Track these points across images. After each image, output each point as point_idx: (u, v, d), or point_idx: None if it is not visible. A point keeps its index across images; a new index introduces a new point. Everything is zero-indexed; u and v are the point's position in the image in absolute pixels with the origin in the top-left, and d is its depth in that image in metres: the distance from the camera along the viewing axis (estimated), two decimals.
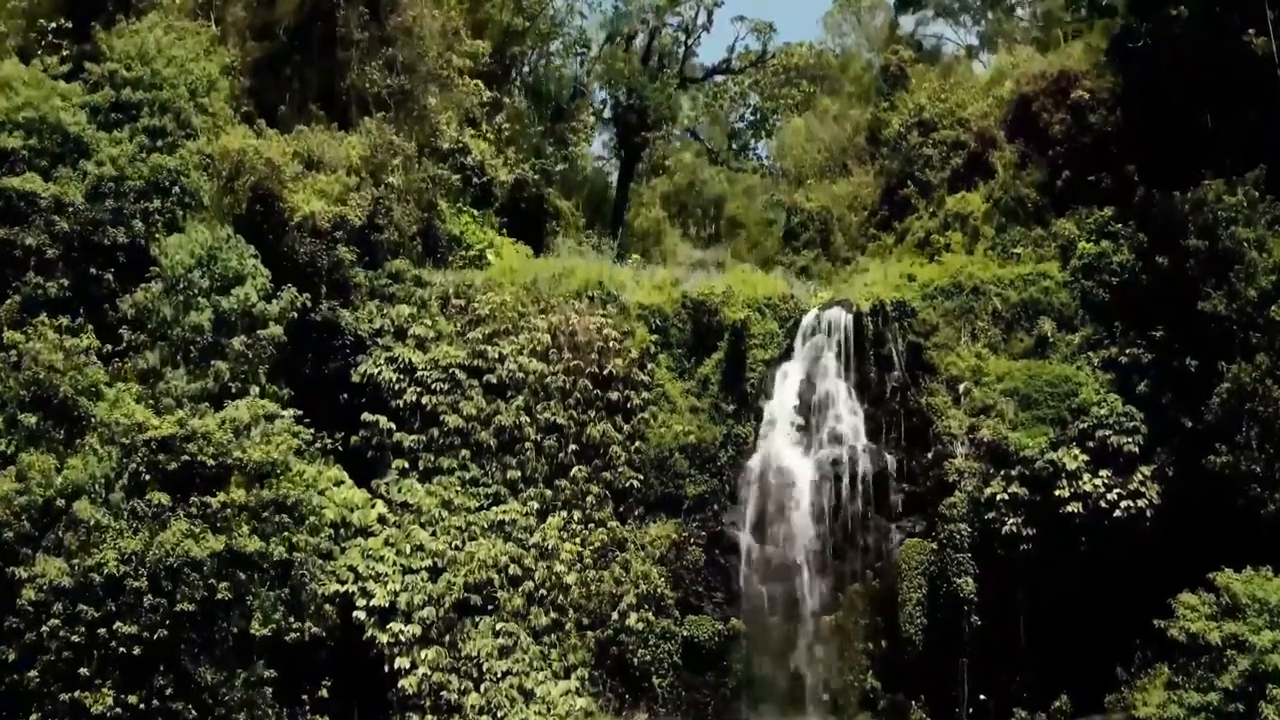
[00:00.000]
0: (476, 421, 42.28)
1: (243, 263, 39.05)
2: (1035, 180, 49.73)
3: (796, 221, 61.95)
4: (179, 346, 37.95)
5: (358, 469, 41.80)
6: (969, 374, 43.43)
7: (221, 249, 38.80)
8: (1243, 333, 39.86)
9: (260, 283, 39.16)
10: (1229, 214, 41.11)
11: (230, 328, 38.38)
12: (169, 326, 37.85)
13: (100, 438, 36.45)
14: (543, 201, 57.26)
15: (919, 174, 59.32)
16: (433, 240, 46.89)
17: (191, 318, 37.71)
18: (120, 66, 42.70)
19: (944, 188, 58.02)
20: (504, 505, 41.54)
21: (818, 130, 67.96)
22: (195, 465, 35.98)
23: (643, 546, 41.81)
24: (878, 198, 61.78)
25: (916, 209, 59.04)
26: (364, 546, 39.67)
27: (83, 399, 37.05)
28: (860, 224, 61.44)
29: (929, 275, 45.79)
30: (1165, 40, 45.40)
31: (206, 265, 38.43)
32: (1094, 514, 40.18)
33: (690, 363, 44.79)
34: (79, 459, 36.04)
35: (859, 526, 42.11)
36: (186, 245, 38.41)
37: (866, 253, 60.00)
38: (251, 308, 38.53)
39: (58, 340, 37.39)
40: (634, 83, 67.89)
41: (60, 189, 39.95)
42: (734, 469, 43.39)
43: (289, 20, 47.08)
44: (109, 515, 35.31)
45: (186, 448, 35.89)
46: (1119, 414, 41.37)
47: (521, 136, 57.17)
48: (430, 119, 48.13)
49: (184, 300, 38.03)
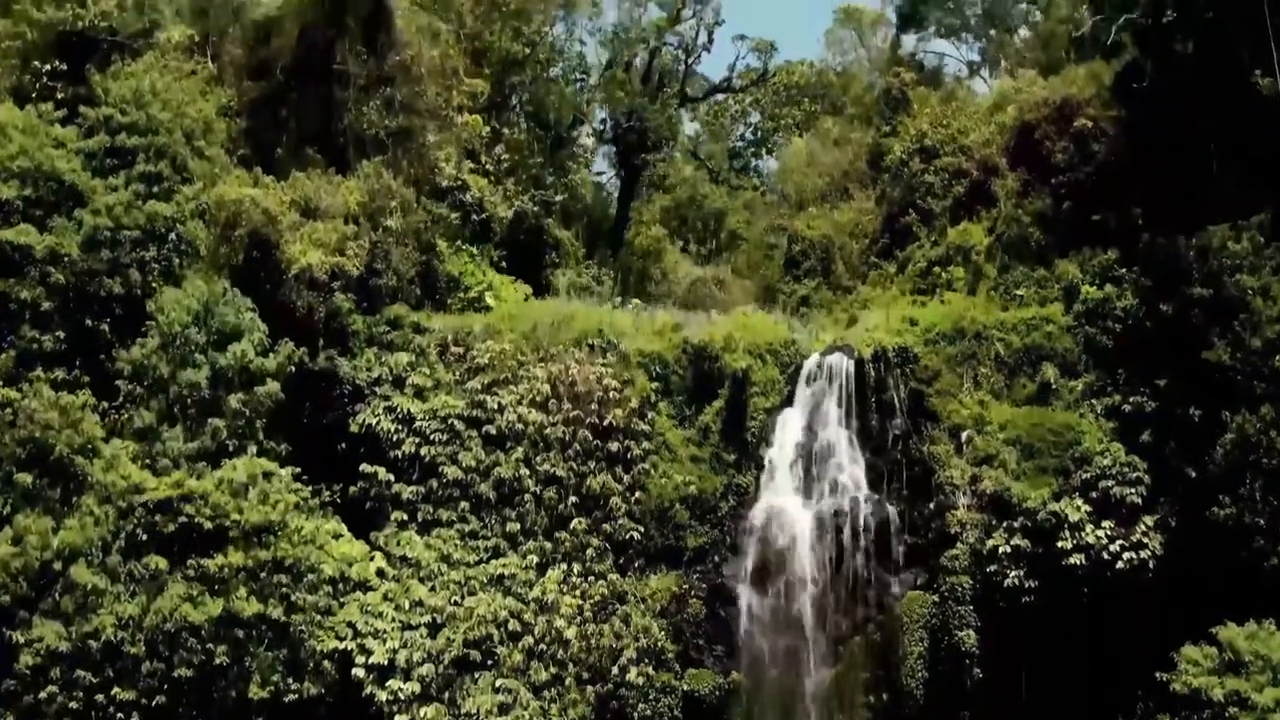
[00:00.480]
0: (475, 473, 41.98)
1: (240, 317, 38.81)
2: (1037, 209, 49.31)
3: (798, 250, 61.52)
4: (175, 404, 37.63)
5: (356, 520, 41.59)
6: (971, 422, 43.18)
7: (218, 304, 38.49)
8: (1247, 383, 39.79)
9: (257, 338, 38.92)
10: (1234, 261, 40.98)
11: (228, 384, 38.13)
12: (165, 384, 37.59)
13: (97, 498, 36.33)
14: (542, 233, 56.98)
15: (920, 202, 58.96)
16: (431, 282, 46.69)
17: (188, 375, 37.45)
18: (115, 111, 42.47)
19: (946, 216, 57.75)
20: (503, 558, 41.24)
21: (819, 154, 67.52)
22: (193, 527, 35.93)
23: (643, 599, 41.52)
24: (879, 225, 61.33)
25: (918, 237, 58.67)
26: (363, 602, 39.39)
27: (79, 458, 36.96)
28: (861, 252, 61.02)
29: (931, 319, 45.46)
30: (1170, 78, 45.16)
31: (203, 321, 38.13)
32: (1096, 565, 40.06)
33: (691, 410, 44.43)
34: (76, 520, 35.97)
35: (860, 579, 41.89)
36: (183, 301, 38.14)
37: (868, 281, 59.68)
38: (249, 364, 38.24)
39: (54, 397, 37.24)
40: (634, 104, 67.60)
41: (56, 240, 39.74)
42: (735, 519, 43.11)
43: (286, 58, 46.67)
44: (106, 579, 35.36)
45: (184, 509, 35.80)
46: (1122, 464, 41.21)
47: (521, 167, 56.82)
48: (429, 156, 47.73)
49: (180, 356, 37.74)
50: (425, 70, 46.79)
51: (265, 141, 45.86)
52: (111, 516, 35.87)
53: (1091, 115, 48.37)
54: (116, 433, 38.54)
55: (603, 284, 58.59)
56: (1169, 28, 45.39)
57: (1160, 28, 45.74)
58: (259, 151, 45.61)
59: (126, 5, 45.28)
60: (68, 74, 44.14)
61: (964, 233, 55.06)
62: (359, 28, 46.65)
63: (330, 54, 46.34)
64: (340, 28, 46.42)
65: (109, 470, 36.11)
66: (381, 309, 44.05)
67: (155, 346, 38.02)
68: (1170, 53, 45.47)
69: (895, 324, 45.45)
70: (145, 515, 35.75)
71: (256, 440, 38.52)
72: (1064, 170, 48.92)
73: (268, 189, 42.18)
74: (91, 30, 44.52)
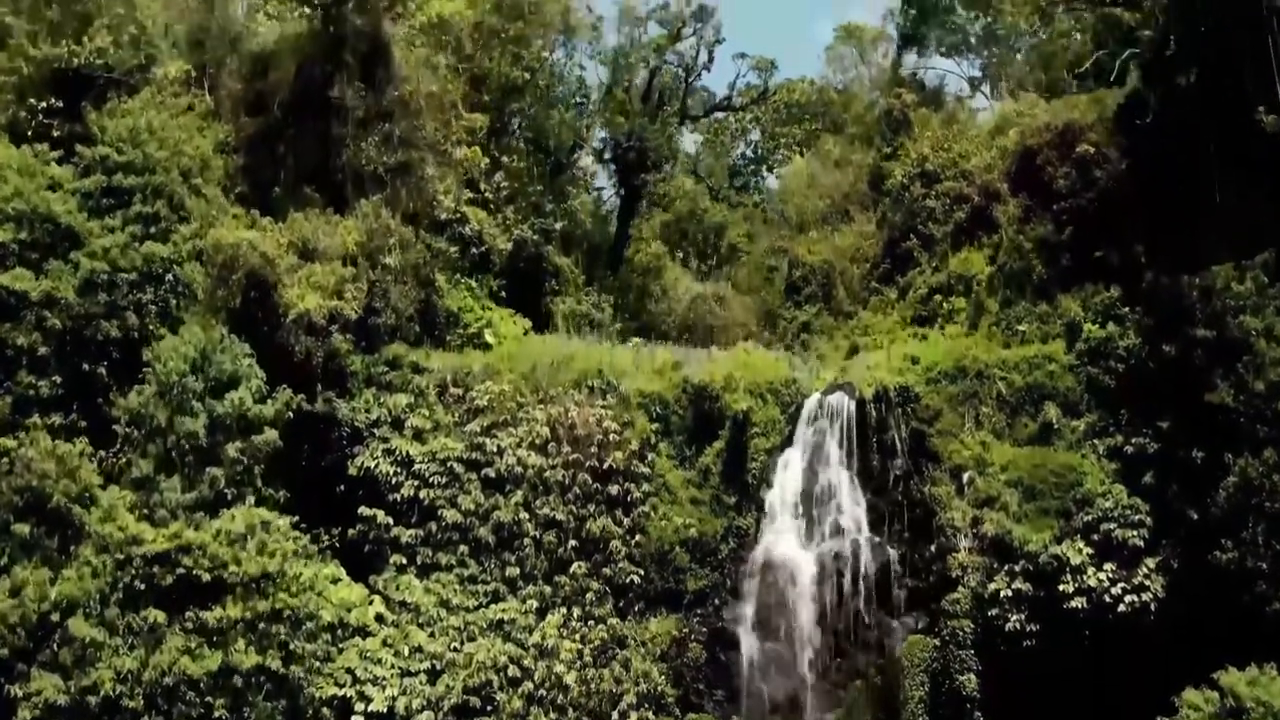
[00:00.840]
0: (475, 517, 41.89)
1: (237, 364, 38.47)
2: (1039, 235, 49.03)
3: (798, 275, 61.46)
4: (173, 451, 37.34)
5: (355, 562, 41.50)
6: (973, 463, 42.99)
7: (215, 351, 38.19)
8: (1250, 425, 39.57)
9: (255, 385, 38.62)
10: (1237, 302, 40.74)
11: (225, 431, 37.79)
12: (163, 432, 37.28)
13: (94, 547, 36.09)
14: (541, 260, 56.77)
15: (922, 227, 58.96)
16: (430, 318, 46.57)
17: (185, 424, 37.11)
18: (112, 150, 42.33)
19: (947, 242, 57.73)
20: (503, 603, 41.10)
21: (820, 175, 67.35)
22: (191, 579, 35.61)
23: (643, 643, 41.38)
24: (880, 250, 61.30)
25: (919, 263, 58.64)
26: (362, 648, 39.23)
27: (76, 506, 36.80)
28: (862, 277, 60.96)
29: (933, 357, 45.26)
30: (1174, 112, 44.91)
31: (200, 368, 37.81)
32: (1098, 609, 39.96)
33: (691, 450, 44.27)
34: (73, 571, 35.76)
35: (861, 623, 41.77)
36: (180, 349, 37.81)
37: (869, 307, 59.69)
38: (246, 411, 37.96)
39: (51, 446, 37.03)
40: (634, 125, 67.32)
41: (52, 284, 39.62)
42: (735, 562, 42.97)
43: (283, 93, 46.35)
44: (104, 631, 35.04)
45: (182, 561, 35.53)
46: (1124, 506, 41.09)
47: (520, 194, 56.53)
48: (427, 190, 47.45)
49: (178, 404, 37.42)
50: (424, 105, 46.42)
51: (263, 179, 45.58)
52: (109, 567, 35.52)
53: (1094, 141, 48.12)
54: (114, 478, 38.35)
55: (603, 310, 58.35)
56: (1172, 60, 45.19)
57: (1163, 60, 45.53)
58: (256, 189, 45.37)
59: (122, 42, 45.03)
60: (64, 111, 43.94)
61: (965, 261, 54.98)
62: (357, 62, 46.39)
63: (328, 89, 46.02)
64: (338, 62, 46.13)
65: (106, 521, 35.81)
66: (380, 348, 43.93)
67: (152, 394, 37.69)
68: (1173, 86, 45.22)
69: (896, 362, 45.26)
70: (143, 566, 35.40)
71: (254, 487, 38.24)
72: (1066, 196, 48.67)
73: (265, 231, 41.89)
74: (87, 67, 44.33)
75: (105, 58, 44.32)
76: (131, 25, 45.26)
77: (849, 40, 74.36)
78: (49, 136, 43.33)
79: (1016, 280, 49.22)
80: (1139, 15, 46.08)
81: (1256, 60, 43.34)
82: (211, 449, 37.56)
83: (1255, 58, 43.31)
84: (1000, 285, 49.82)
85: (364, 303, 42.34)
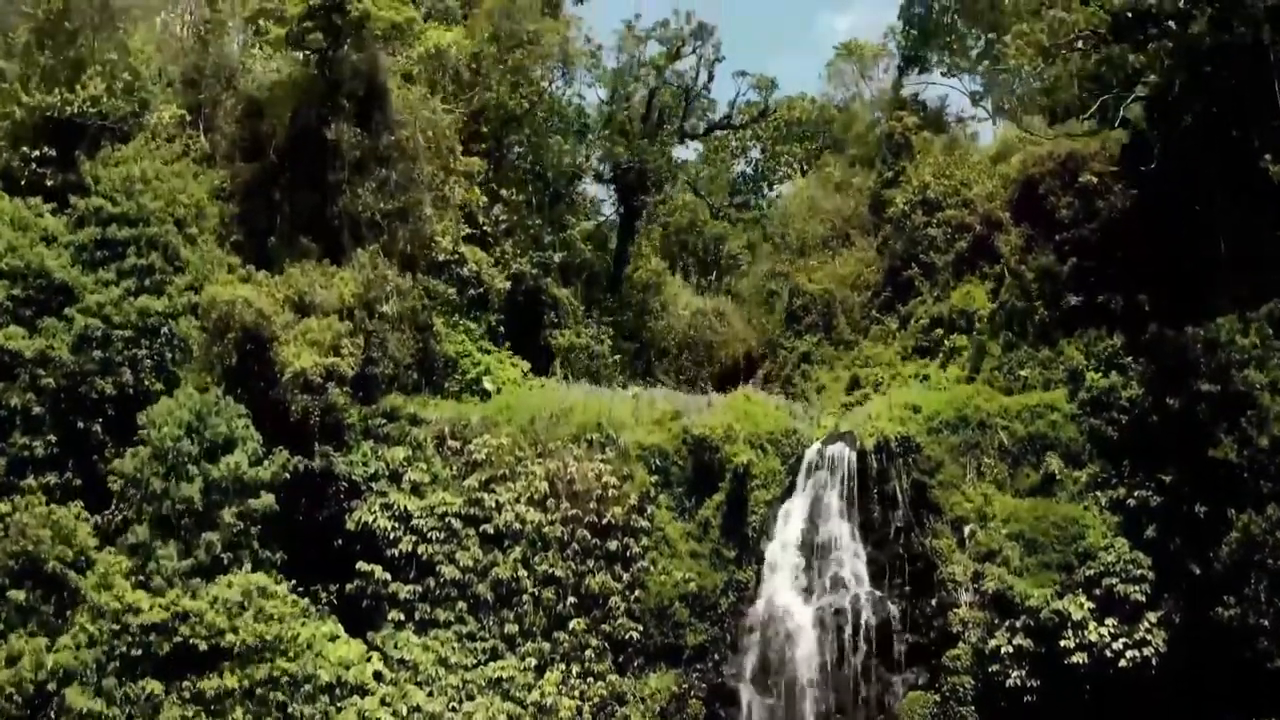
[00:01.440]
0: (473, 573, 41.64)
1: (232, 426, 38.29)
2: (1041, 265, 48.71)
3: (799, 304, 61.13)
4: (169, 516, 37.16)
5: (352, 617, 41.25)
6: (974, 515, 42.73)
7: (210, 413, 37.96)
8: (1254, 481, 39.32)
9: (251, 448, 38.42)
10: (1242, 355, 40.43)
11: (222, 494, 37.61)
12: (158, 498, 37.09)
13: (91, 615, 36.03)
14: (540, 294, 56.43)
15: (923, 256, 58.61)
16: (429, 364, 46.37)
17: (181, 489, 36.94)
18: (106, 201, 42.30)
19: (949, 271, 57.41)
20: (501, 660, 40.89)
21: (820, 199, 66.81)
22: (188, 647, 35.63)
23: (642, 699, 41.11)
24: (881, 278, 60.91)
25: (920, 292, 58.32)
26: (360, 707, 38.83)
27: (71, 572, 36.96)
28: (863, 305, 60.55)
29: (935, 406, 44.86)
30: (1178, 157, 44.55)
31: (195, 431, 37.61)
32: (1099, 663, 39.74)
33: (691, 502, 43.86)
34: (69, 639, 36.02)
35: (862, 679, 41.45)
36: (174, 413, 37.64)
37: (870, 336, 59.30)
38: (242, 475, 37.76)
39: (46, 512, 37.07)
40: (634, 147, 66.95)
41: (46, 342, 39.42)
42: (735, 616, 42.67)
43: (279, 138, 45.88)
44: (101, 702, 35.22)
45: (179, 630, 35.57)
46: (1126, 561, 40.78)
47: (519, 227, 56.17)
48: (424, 231, 47.08)
49: (173, 468, 37.25)
50: (421, 147, 46.05)
51: (258, 226, 45.26)
52: (106, 636, 35.58)
53: (1097, 171, 47.72)
54: (110, 539, 38.34)
55: (602, 343, 58.10)
56: (1177, 104, 44.82)
57: (1167, 104, 45.15)
58: (252, 237, 45.10)
59: (116, 90, 44.66)
60: (57, 160, 43.81)
61: (967, 296, 54.64)
62: (353, 105, 45.93)
63: (324, 130, 45.55)
64: (334, 105, 45.66)
65: (103, 589, 35.84)
66: (378, 399, 43.62)
67: (147, 457, 37.53)
68: (1178, 130, 44.86)
69: (898, 410, 44.81)
70: (140, 635, 35.52)
71: (251, 550, 38.17)
72: (1069, 226, 48.34)
73: (260, 286, 41.57)
74: (80, 115, 44.05)
75: (99, 106, 44.02)
76: (125, 71, 44.86)
77: (849, 57, 73.79)
78: (42, 186, 43.24)
79: (1019, 320, 48.79)
80: (1144, 58, 45.53)
81: (1262, 108, 43.09)
82: (208, 513, 37.51)
83: (1260, 105, 43.06)
84: (1002, 325, 49.43)
85: (361, 357, 41.98)
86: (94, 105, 43.96)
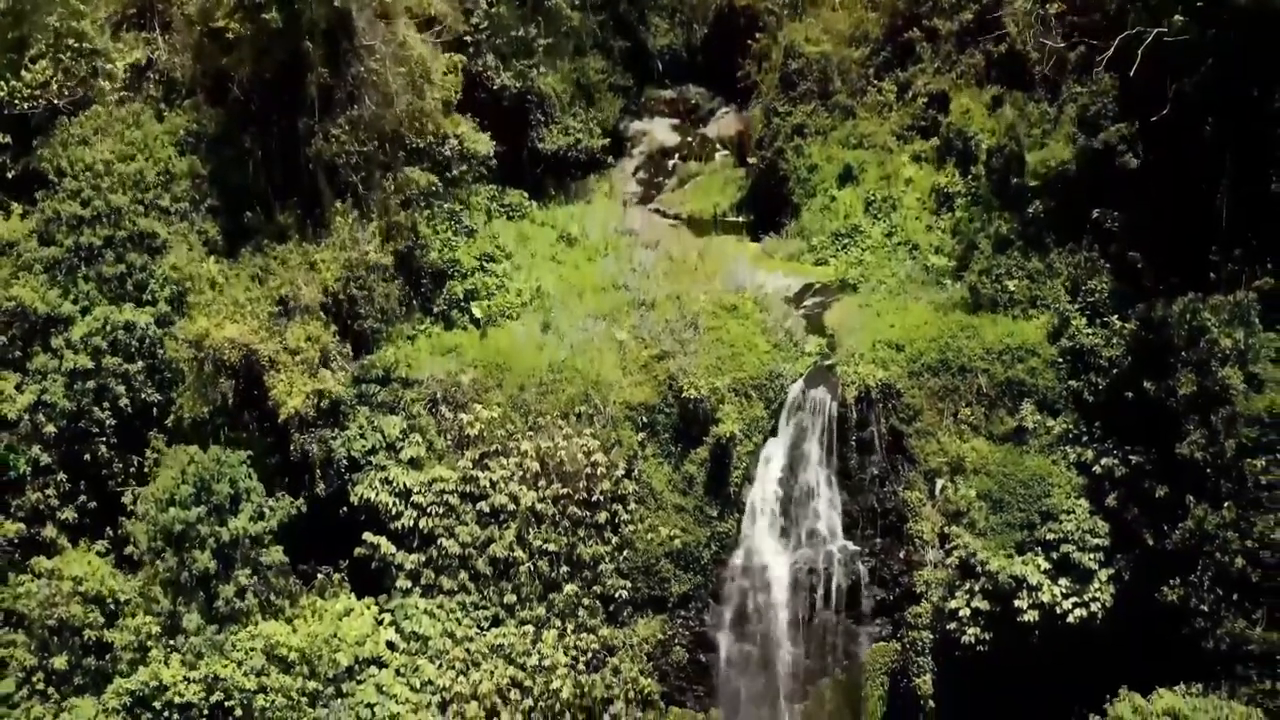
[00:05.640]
0: (473, 548, 44.43)
1: (235, 484, 39.75)
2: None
3: (794, 68, 58.08)
4: (185, 583, 39.67)
5: (362, 580, 44.70)
6: (947, 467, 44.65)
7: (211, 479, 39.26)
8: (1215, 479, 40.68)
9: (255, 503, 40.03)
10: (1223, 354, 40.63)
11: (233, 548, 39.81)
12: (175, 570, 39.46)
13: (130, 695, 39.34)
14: (527, 95, 54.26)
15: (927, 20, 56.20)
16: (416, 282, 46.47)
17: (194, 559, 39.10)
18: (75, 205, 40.89)
19: (952, 42, 55.58)
20: (502, 627, 44.70)
21: None
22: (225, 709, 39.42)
23: (631, 646, 45.26)
24: (882, 35, 58.15)
25: (921, 59, 56.48)
26: (378, 679, 42.81)
27: (108, 633, 39.83)
28: (861, 64, 58.02)
29: (919, 347, 45.19)
30: (1189, 112, 42.00)
31: (199, 499, 39.14)
32: (1049, 618, 42.97)
33: (677, 448, 45.61)
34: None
35: (831, 630, 45.37)
36: (177, 490, 38.97)
37: (866, 106, 57.62)
38: (249, 533, 39.78)
39: (74, 581, 39.46)
40: None
41: (40, 387, 40.04)
42: (717, 565, 45.66)
43: (244, 73, 42.73)
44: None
45: (210, 699, 39.15)
46: (1085, 530, 43.06)
47: (500, 31, 52.82)
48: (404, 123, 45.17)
49: (183, 536, 39.23)
50: (394, 87, 43.13)
51: (231, 184, 43.40)
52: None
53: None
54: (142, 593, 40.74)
55: (592, 134, 56.53)
56: (1194, 50, 41.69)
57: (1185, 49, 41.88)
58: (225, 196, 43.44)
59: (63, 63, 41.47)
60: (12, 147, 41.73)
61: (966, 115, 53.14)
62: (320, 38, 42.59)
63: (292, 73, 42.72)
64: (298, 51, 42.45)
65: (134, 667, 39.09)
66: (371, 350, 44.59)
67: (156, 533, 39.43)
68: (1193, 80, 42.01)
69: (881, 352, 45.24)
70: (168, 710, 39.21)
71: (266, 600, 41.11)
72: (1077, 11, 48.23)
73: (243, 310, 41.13)
74: (30, 102, 41.33)
75: (47, 93, 41.18)
76: (70, 39, 41.32)
77: None
78: (2, 179, 41.46)
79: (1004, 192, 48.16)
80: None
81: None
82: (224, 571, 39.90)
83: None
84: (991, 195, 48.82)
85: (350, 389, 42.89)
86: (43, 92, 41.21)
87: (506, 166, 53.19)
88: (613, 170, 65.22)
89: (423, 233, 46.53)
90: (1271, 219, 41.52)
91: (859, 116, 57.80)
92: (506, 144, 53.15)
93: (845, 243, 53.24)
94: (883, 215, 53.75)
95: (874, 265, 51.44)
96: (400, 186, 45.48)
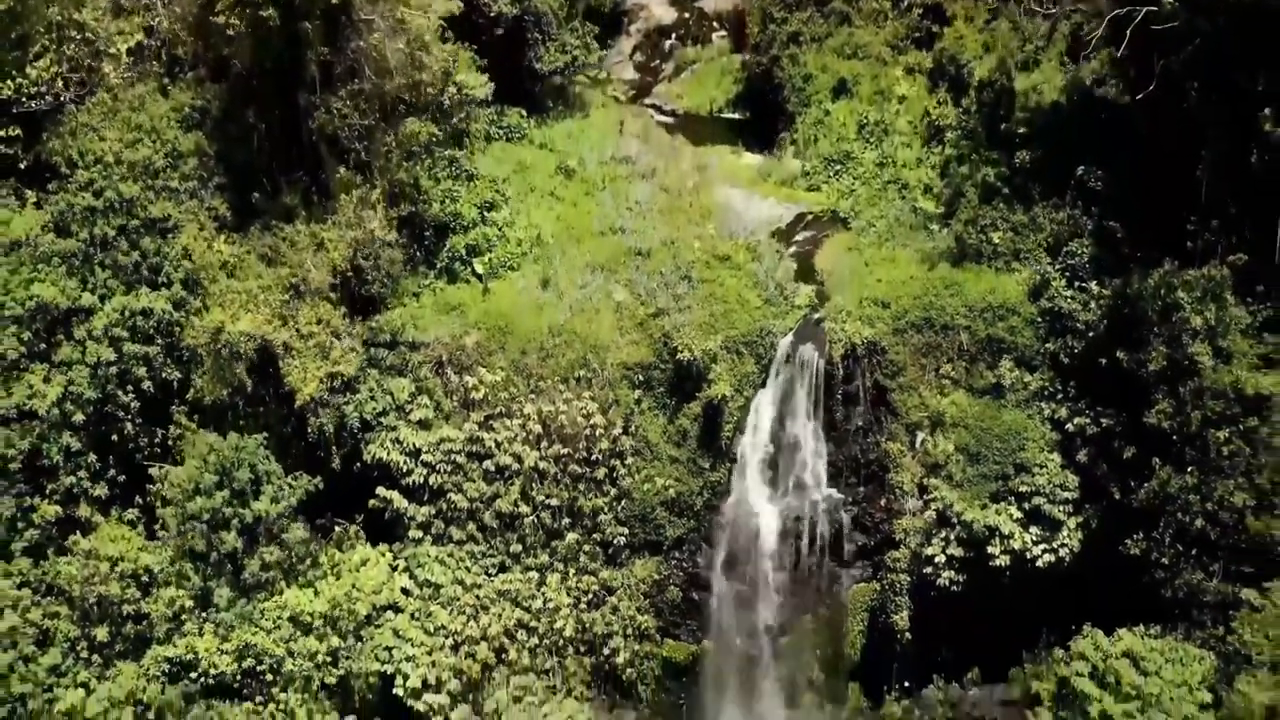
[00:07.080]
0: (480, 503, 46.95)
1: (255, 469, 42.00)
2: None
3: None
4: (213, 564, 42.35)
5: (376, 529, 47.44)
6: (928, 421, 46.90)
7: (232, 466, 41.50)
8: (1180, 446, 43.08)
9: (275, 484, 42.35)
10: (1194, 331, 42.40)
11: (257, 525, 42.38)
12: (203, 554, 42.13)
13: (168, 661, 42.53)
14: (523, 17, 54.34)
15: None
16: (422, 239, 48.01)
17: (221, 540, 41.72)
18: (89, 197, 41.97)
19: None
20: (507, 574, 47.65)
21: None
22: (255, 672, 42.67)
23: (629, 586, 48.30)
24: None
25: None
26: (394, 625, 46.02)
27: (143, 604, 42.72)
28: None
29: (903, 304, 46.82)
30: (1175, 90, 42.84)
31: (221, 485, 41.50)
32: (1019, 562, 46.07)
33: (671, 401, 47.65)
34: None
35: (815, 572, 48.31)
36: (201, 479, 41.22)
37: (862, 11, 59.87)
38: (271, 514, 42.27)
39: (109, 560, 42.12)
40: None
41: (65, 379, 41.87)
42: (710, 511, 48.32)
43: (244, 54, 43.15)
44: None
45: (242, 665, 42.37)
46: (1055, 483, 45.73)
47: None
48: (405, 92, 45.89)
49: (209, 523, 41.78)
50: (392, 63, 43.53)
51: (236, 161, 44.27)
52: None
53: None
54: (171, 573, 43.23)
55: (590, 52, 56.80)
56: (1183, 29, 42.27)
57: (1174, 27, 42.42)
58: (231, 173, 44.36)
59: (66, 54, 41.82)
60: (22, 139, 42.46)
61: (959, 40, 53.46)
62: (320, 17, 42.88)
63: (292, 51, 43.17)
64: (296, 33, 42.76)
65: (167, 640, 42.13)
66: (379, 311, 46.37)
67: (185, 517, 41.91)
68: (1180, 57, 42.70)
69: (868, 310, 46.87)
70: (215, 678, 42.40)
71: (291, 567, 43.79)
72: None
73: (257, 301, 42.54)
74: (36, 99, 41.89)
75: (53, 89, 41.72)
76: (71, 29, 41.59)
77: None
78: (15, 169, 42.40)
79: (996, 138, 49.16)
80: None
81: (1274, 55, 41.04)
82: (249, 547, 42.60)
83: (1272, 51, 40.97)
84: (981, 130, 49.79)
85: (359, 371, 44.60)
86: (49, 89, 41.72)
87: (505, 85, 53.48)
88: (609, 55, 65.70)
89: (424, 185, 47.53)
90: (1248, 193, 42.87)
91: (855, 25, 58.16)
92: (504, 66, 53.59)
93: (837, 169, 54.32)
94: (874, 140, 54.67)
95: (865, 200, 52.66)
96: (401, 142, 46.38)
